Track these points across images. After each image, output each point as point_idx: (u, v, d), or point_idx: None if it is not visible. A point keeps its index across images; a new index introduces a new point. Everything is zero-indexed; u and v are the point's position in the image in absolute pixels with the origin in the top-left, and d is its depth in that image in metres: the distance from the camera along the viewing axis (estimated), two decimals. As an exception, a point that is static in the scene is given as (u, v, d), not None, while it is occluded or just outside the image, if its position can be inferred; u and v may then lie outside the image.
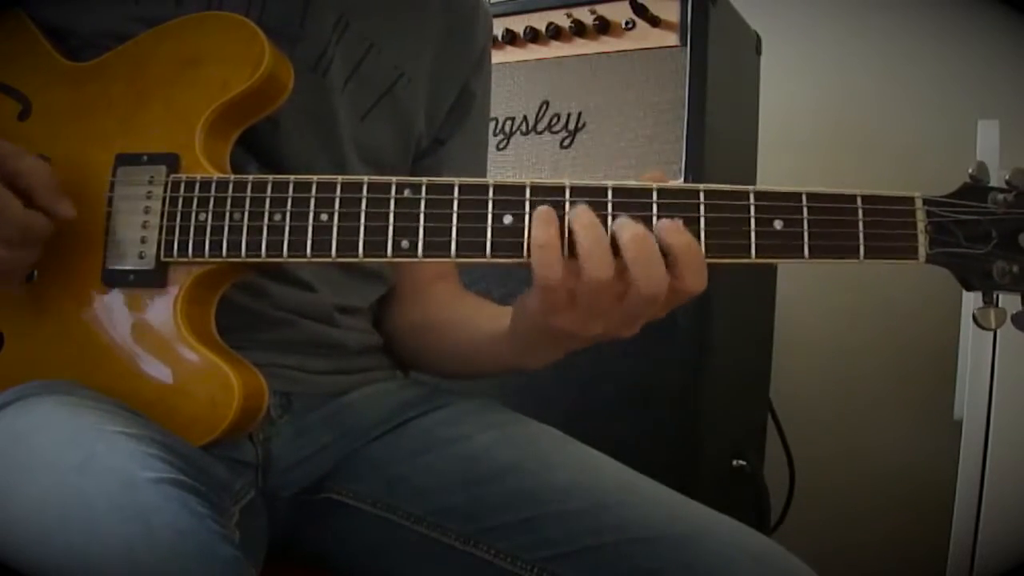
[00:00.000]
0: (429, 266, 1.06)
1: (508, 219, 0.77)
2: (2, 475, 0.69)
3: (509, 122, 1.54)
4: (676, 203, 0.76)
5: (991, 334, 1.28)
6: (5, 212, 0.78)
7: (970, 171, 0.75)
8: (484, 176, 1.14)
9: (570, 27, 1.51)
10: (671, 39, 1.46)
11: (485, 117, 1.15)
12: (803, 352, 1.92)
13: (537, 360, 0.88)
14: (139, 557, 0.61)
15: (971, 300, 0.77)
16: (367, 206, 0.79)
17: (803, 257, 0.75)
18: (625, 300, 0.75)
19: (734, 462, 1.60)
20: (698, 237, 0.75)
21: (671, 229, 0.74)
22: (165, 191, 0.83)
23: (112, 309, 0.83)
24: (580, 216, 0.74)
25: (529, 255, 0.76)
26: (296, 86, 0.88)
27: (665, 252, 0.74)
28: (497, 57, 1.16)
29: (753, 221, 0.75)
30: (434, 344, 1.03)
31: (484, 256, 0.77)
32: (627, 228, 0.74)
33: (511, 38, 1.55)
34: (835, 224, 0.75)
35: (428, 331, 1.03)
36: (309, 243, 0.80)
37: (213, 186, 0.82)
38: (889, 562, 1.90)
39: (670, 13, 1.46)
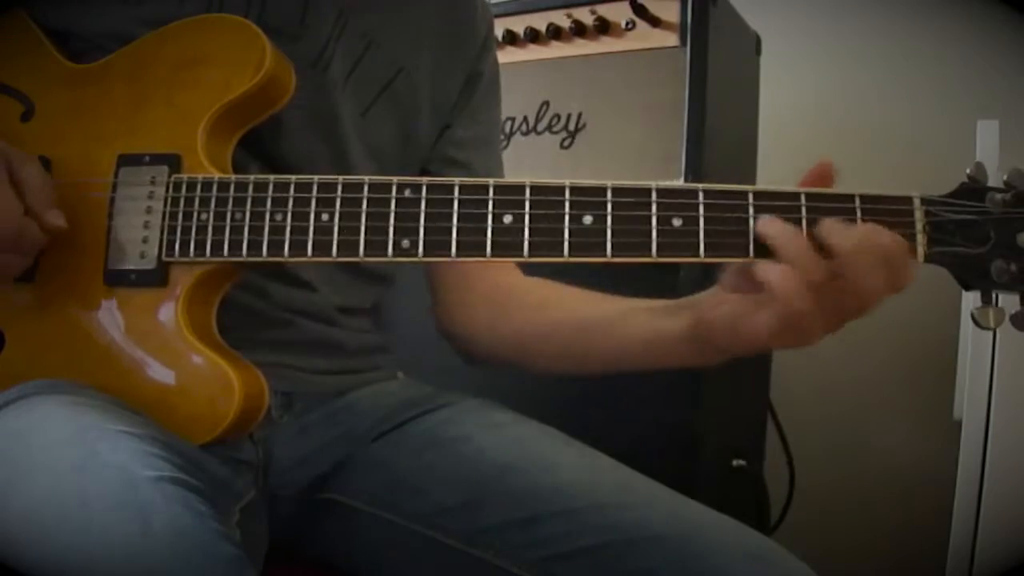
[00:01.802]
0: (502, 267, 1.04)
1: (508, 219, 0.77)
2: (3, 474, 0.69)
3: (509, 122, 1.54)
4: (675, 202, 0.76)
5: (991, 334, 1.28)
6: (5, 216, 0.78)
7: (968, 171, 0.76)
8: (496, 151, 1.14)
9: (570, 27, 1.51)
10: (671, 39, 1.46)
11: (493, 96, 1.13)
12: (803, 352, 1.91)
13: (712, 362, 0.86)
14: (139, 555, 0.61)
15: (970, 300, 0.77)
16: (368, 206, 0.79)
17: (802, 255, 0.75)
18: (844, 302, 0.74)
19: (734, 462, 1.60)
20: (696, 237, 0.75)
21: (876, 232, 0.73)
22: (167, 191, 0.83)
23: (113, 309, 0.83)
24: (780, 232, 0.74)
25: (530, 254, 0.76)
26: (297, 83, 0.89)
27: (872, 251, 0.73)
28: (497, 57, 1.16)
29: (752, 220, 0.75)
30: (576, 348, 0.97)
31: (484, 255, 0.77)
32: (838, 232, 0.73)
33: (511, 38, 1.54)
34: None
35: (574, 334, 0.97)
36: (310, 243, 0.80)
37: (215, 186, 0.83)
38: (889, 562, 1.90)
39: (670, 13, 1.46)
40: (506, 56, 1.53)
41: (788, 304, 0.73)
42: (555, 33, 1.52)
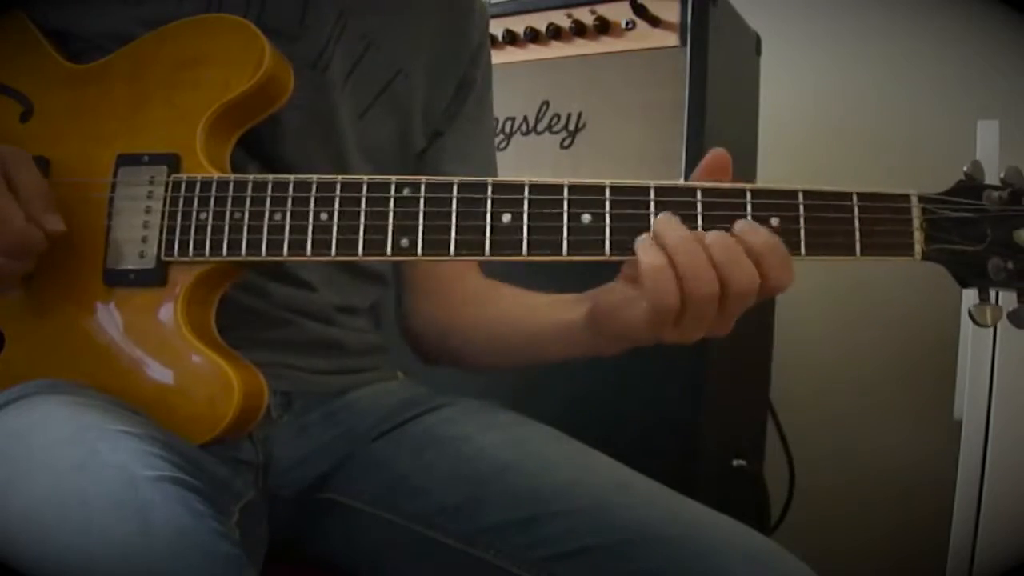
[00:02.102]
0: (458, 272, 1.06)
1: (507, 217, 0.77)
2: (3, 474, 0.69)
3: (509, 122, 1.54)
4: (674, 201, 0.76)
5: (991, 334, 1.28)
6: (7, 223, 0.78)
7: (965, 169, 0.76)
8: (491, 160, 1.14)
9: (570, 27, 1.51)
10: (671, 39, 1.46)
11: (485, 103, 1.13)
12: (803, 352, 1.92)
13: (616, 351, 0.87)
14: (138, 555, 0.61)
15: (971, 300, 0.77)
16: (367, 205, 0.79)
17: (800, 254, 0.75)
18: (722, 305, 0.75)
19: (734, 462, 1.60)
20: None
21: (749, 229, 0.74)
22: (166, 191, 0.83)
23: (112, 309, 0.84)
24: (672, 231, 0.74)
25: (529, 253, 0.76)
26: (296, 83, 0.89)
27: (748, 253, 0.74)
28: (497, 57, 1.16)
29: (750, 219, 0.75)
30: (498, 342, 1.01)
31: (483, 254, 0.77)
32: (712, 235, 0.74)
33: (511, 38, 1.55)
34: (831, 221, 0.75)
35: (491, 329, 1.02)
36: (309, 242, 0.80)
37: (214, 186, 0.83)
38: (889, 562, 1.90)
39: (670, 13, 1.46)
40: (506, 56, 1.54)
41: (657, 302, 0.74)
42: (555, 33, 1.52)
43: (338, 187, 0.80)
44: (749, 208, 0.75)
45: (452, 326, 1.04)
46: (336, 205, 0.80)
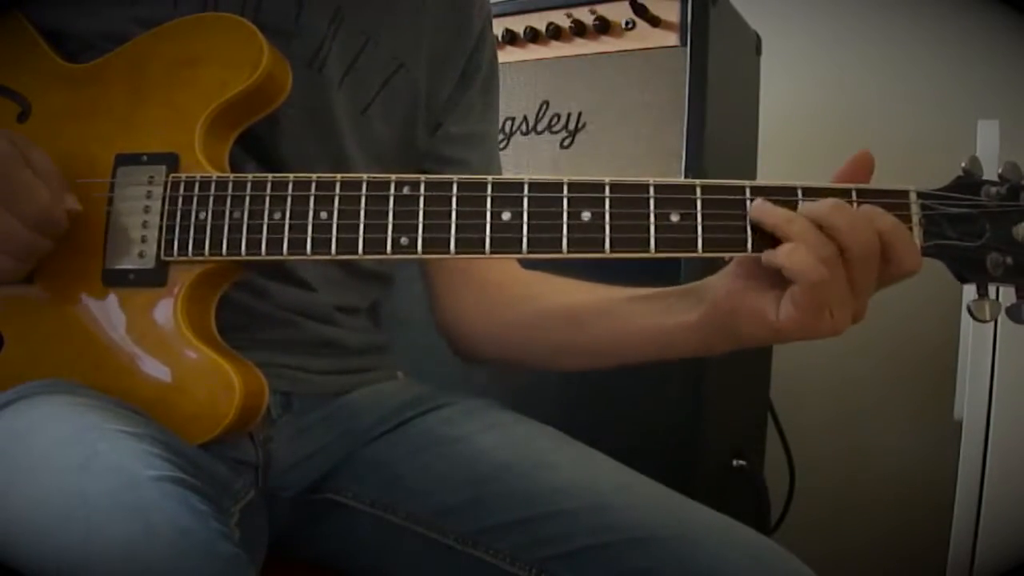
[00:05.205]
0: (495, 264, 1.03)
1: (507, 215, 0.77)
2: (3, 474, 0.69)
3: (509, 122, 1.54)
4: (672, 198, 0.76)
5: (991, 334, 1.28)
6: (35, 196, 0.78)
7: (963, 165, 0.76)
8: (494, 149, 1.13)
9: (570, 27, 1.51)
10: (671, 39, 1.46)
11: (492, 87, 1.12)
12: (803, 352, 1.91)
13: (727, 350, 0.85)
14: (139, 555, 0.61)
15: (970, 296, 0.77)
16: (366, 204, 0.79)
17: (800, 250, 0.75)
18: (856, 287, 0.74)
19: (734, 462, 1.60)
20: (695, 232, 0.75)
21: (876, 213, 0.74)
22: (165, 190, 0.83)
23: (112, 309, 0.83)
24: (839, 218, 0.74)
25: (529, 250, 0.76)
26: (293, 82, 0.88)
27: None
28: (496, 53, 1.16)
29: (750, 215, 0.75)
30: (570, 338, 0.96)
31: (483, 252, 0.77)
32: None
33: (511, 38, 1.55)
34: None
35: (562, 324, 0.96)
36: (309, 241, 0.80)
37: (213, 185, 0.82)
38: (889, 562, 1.90)
39: (670, 13, 1.46)
40: (506, 56, 1.54)
41: (807, 279, 0.73)
42: (555, 33, 1.53)
43: (337, 186, 0.80)
44: (748, 205, 0.75)
45: (499, 326, 1.01)
46: (336, 204, 0.80)
